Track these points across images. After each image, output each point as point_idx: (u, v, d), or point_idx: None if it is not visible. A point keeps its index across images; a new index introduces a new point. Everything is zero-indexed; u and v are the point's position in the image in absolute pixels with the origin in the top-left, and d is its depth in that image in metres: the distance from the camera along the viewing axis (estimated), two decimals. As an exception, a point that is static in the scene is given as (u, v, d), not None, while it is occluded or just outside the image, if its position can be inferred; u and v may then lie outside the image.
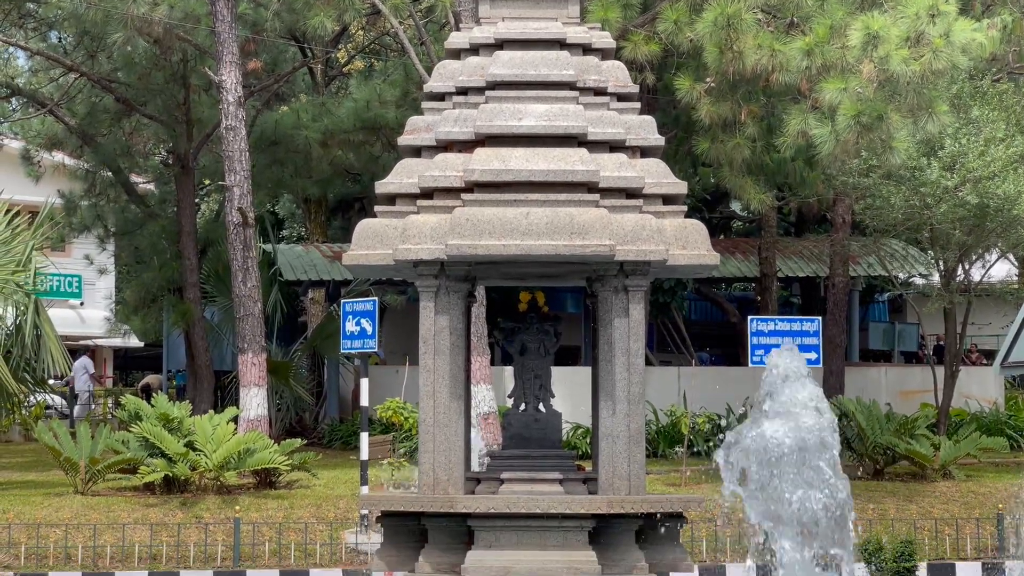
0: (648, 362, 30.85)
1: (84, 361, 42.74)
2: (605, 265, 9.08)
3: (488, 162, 9.24)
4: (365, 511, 23.51)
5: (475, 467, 10.90)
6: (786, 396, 7.89)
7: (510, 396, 9.78)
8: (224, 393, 34.59)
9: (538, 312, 9.86)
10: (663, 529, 9.06)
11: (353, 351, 26.68)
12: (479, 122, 9.41)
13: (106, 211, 37.28)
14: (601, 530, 8.84)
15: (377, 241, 9.26)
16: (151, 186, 39.36)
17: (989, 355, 40.36)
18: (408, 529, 9.03)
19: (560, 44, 9.62)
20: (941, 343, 36.56)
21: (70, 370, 30.78)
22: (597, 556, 8.68)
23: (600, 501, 8.81)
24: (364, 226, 9.38)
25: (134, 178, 37.89)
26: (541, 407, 9.65)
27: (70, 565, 22.63)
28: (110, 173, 36.15)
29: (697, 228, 9.31)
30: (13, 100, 40.26)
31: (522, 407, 9.66)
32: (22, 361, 26.01)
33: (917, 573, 13.87)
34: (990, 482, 27.37)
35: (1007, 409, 34.61)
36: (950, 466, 27.81)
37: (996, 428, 31.59)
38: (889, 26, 22.73)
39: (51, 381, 32.27)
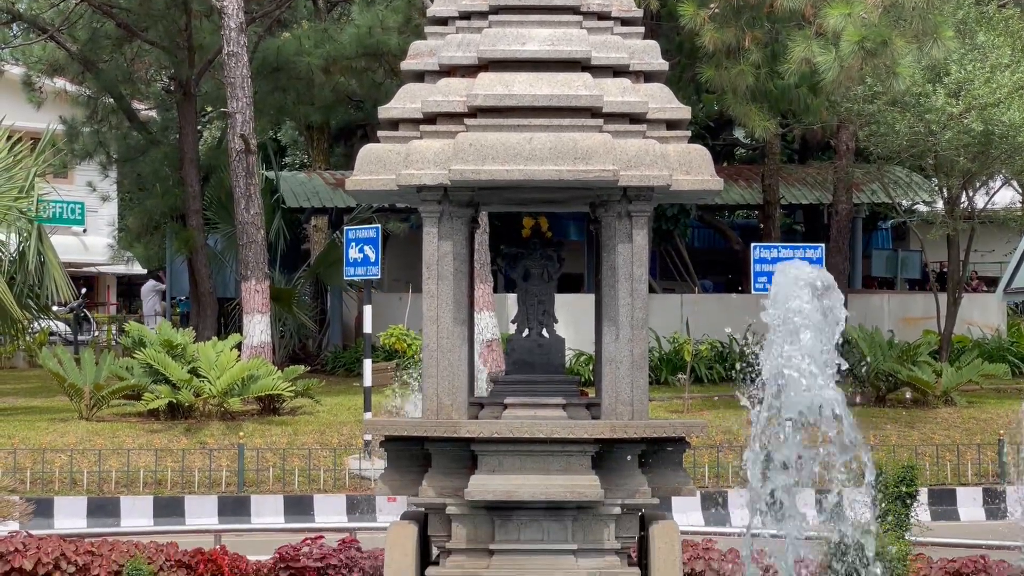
0: (651, 289, 30.82)
1: (153, 284, 42.90)
2: (608, 190, 9.05)
3: (491, 87, 9.19)
4: (368, 437, 23.61)
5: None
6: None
7: (513, 322, 9.77)
8: (227, 320, 34.67)
9: (541, 237, 9.83)
10: (665, 454, 9.08)
11: (356, 278, 26.70)
12: (482, 47, 9.36)
13: (108, 138, 37.21)
14: (604, 455, 8.85)
15: (380, 166, 9.23)
16: (153, 113, 39.25)
17: (991, 282, 40.37)
18: (411, 454, 9.05)
19: (563, -32, 9.55)
20: (944, 270, 36.58)
21: (73, 297, 30.80)
22: (600, 480, 8.71)
23: (603, 426, 8.82)
24: (367, 151, 9.35)
25: (136, 104, 37.79)
26: (544, 333, 9.63)
27: (76, 490, 22.77)
28: (112, 99, 36.04)
29: (700, 153, 9.27)
30: (14, 26, 40.03)
31: (525, 332, 9.65)
32: (25, 288, 26.04)
33: (918, 498, 13.90)
34: (992, 408, 27.45)
35: (1009, 336, 34.66)
36: (952, 392, 27.88)
37: (998, 355, 31.64)
38: (895, -49, 22.59)
39: (55, 308, 32.33)
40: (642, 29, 9.85)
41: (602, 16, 9.57)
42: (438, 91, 9.35)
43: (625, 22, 9.70)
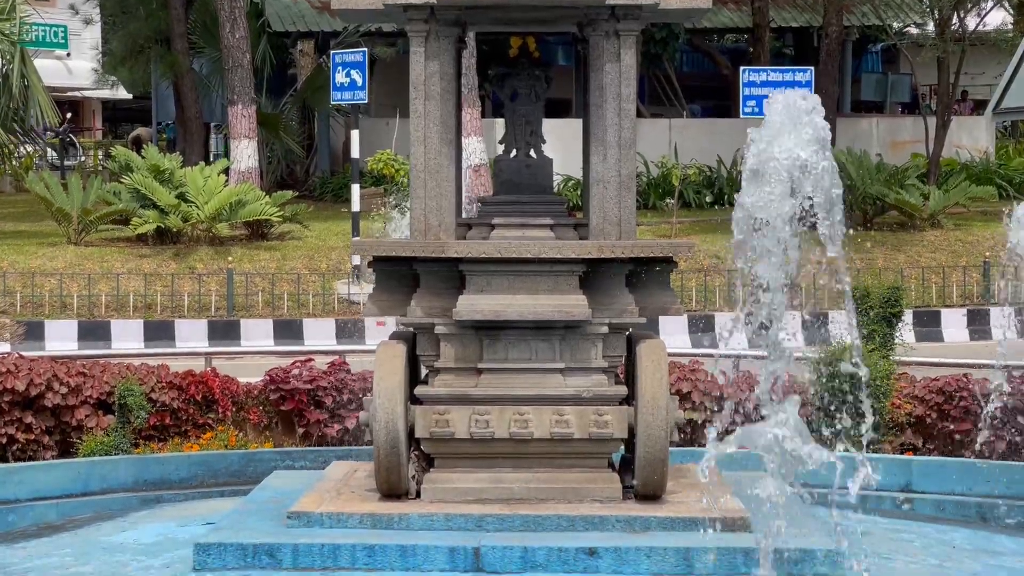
0: (639, 114, 30.68)
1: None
2: (596, 8, 8.93)
3: (478, -97, 9.03)
4: (357, 261, 23.68)
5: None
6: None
7: (501, 143, 9.72)
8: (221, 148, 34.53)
9: (529, 57, 9.73)
10: (653, 274, 9.09)
11: (343, 103, 26.56)
12: None
13: (90, -41, 36.69)
14: (591, 275, 8.86)
15: (365, -16, 9.10)
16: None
17: (980, 105, 40.21)
18: (400, 275, 9.05)
19: None
20: (934, 93, 36.42)
21: (58, 122, 30.62)
22: (587, 300, 8.73)
23: (591, 246, 8.82)
24: (352, -30, 9.21)
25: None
26: (532, 153, 9.57)
27: (66, 313, 22.87)
28: (93, -81, 35.45)
29: (690, -29, 9.14)
30: None
31: (513, 153, 9.59)
32: (10, 111, 25.89)
33: (903, 319, 14.02)
34: (978, 231, 27.56)
35: (997, 158, 34.66)
36: (939, 215, 27.96)
37: (986, 177, 31.67)
38: None
39: (46, 133, 32.15)
40: None
41: None
42: (424, -93, 9.18)
43: None
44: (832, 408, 11.07)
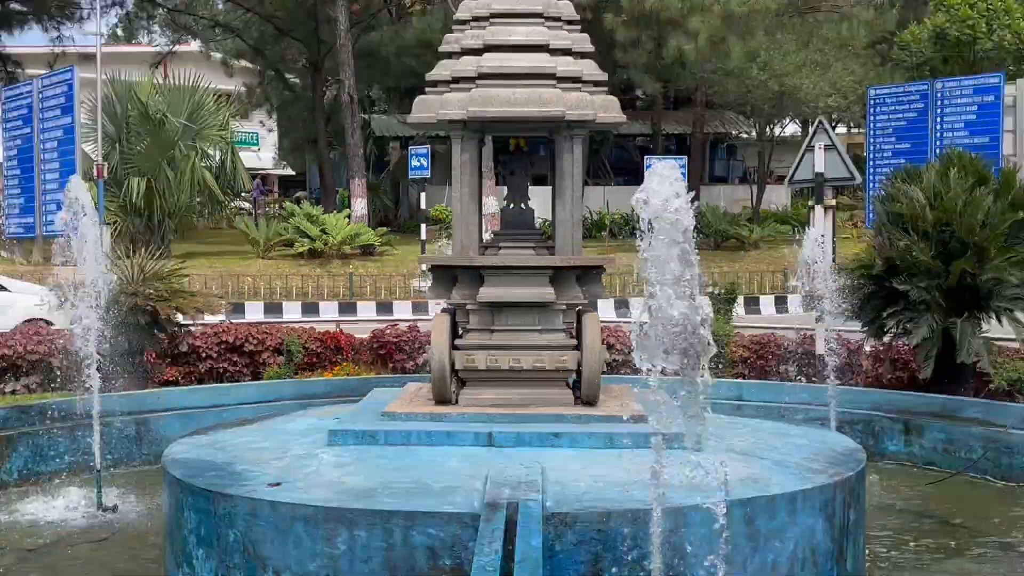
0: (585, 183, 30.56)
1: (258, 183, 42.14)
2: (560, 122, 8.90)
3: (491, 61, 8.97)
4: (424, 267, 23.64)
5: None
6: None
7: (504, 199, 9.68)
8: (342, 202, 34.42)
9: (520, 150, 9.71)
10: (592, 275, 9.05)
11: (416, 176, 26.55)
12: (486, 38, 9.11)
13: (270, 94, 36.63)
14: (556, 275, 8.82)
15: (426, 108, 9.05)
16: (297, 79, 38.54)
17: (781, 178, 40.07)
18: (447, 276, 9.01)
19: (534, -10, 9.28)
20: (756, 172, 36.26)
21: (252, 187, 30.49)
22: (554, 290, 8.71)
23: (556, 259, 8.79)
24: (420, 100, 9.16)
25: (287, 75, 37.09)
26: (523, 206, 9.54)
27: (256, 297, 22.85)
28: (272, 71, 35.38)
29: (613, 101, 9.08)
30: (217, 28, 39.08)
31: (511, 206, 9.57)
32: (224, 181, 25.93)
33: (737, 301, 13.94)
34: (782, 250, 27.53)
35: (792, 209, 34.59)
36: (759, 242, 27.89)
37: (784, 219, 31.61)
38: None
39: (242, 193, 32.07)
40: (579, 26, 9.58)
41: (557, 19, 9.31)
42: (460, 64, 9.13)
43: (570, 22, 9.43)
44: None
